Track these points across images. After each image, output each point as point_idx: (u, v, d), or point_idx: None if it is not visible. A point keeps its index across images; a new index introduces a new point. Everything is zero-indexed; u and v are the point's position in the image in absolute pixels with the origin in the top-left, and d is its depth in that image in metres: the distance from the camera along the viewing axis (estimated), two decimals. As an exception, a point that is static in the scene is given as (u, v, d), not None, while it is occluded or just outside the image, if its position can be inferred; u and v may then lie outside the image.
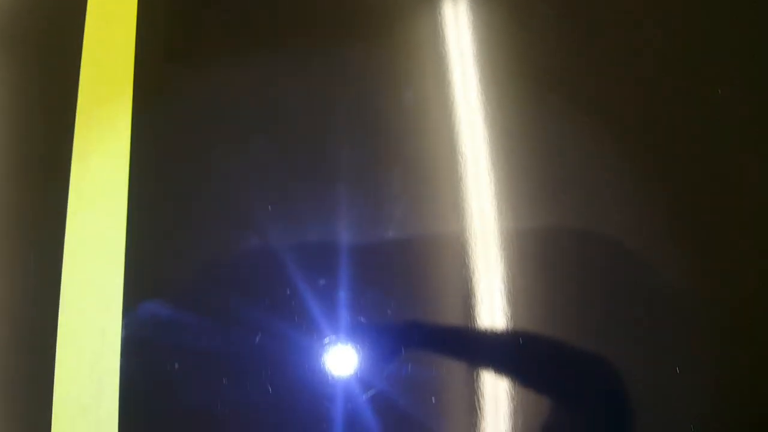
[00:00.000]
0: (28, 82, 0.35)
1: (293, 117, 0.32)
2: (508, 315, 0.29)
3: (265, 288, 0.29)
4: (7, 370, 0.31)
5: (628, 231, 0.31)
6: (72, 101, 0.32)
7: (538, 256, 0.30)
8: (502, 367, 0.29)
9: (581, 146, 0.31)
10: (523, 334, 0.29)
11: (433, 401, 0.28)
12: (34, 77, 0.35)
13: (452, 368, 0.29)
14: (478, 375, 0.29)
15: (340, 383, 0.28)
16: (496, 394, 0.28)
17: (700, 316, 0.30)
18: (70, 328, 0.29)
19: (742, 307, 0.30)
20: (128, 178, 0.30)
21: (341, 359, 0.29)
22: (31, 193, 0.33)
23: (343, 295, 0.29)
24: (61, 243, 0.30)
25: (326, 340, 0.29)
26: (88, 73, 0.32)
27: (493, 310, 0.29)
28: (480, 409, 0.28)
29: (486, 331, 0.29)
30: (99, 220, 0.30)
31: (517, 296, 0.29)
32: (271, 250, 0.30)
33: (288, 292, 0.29)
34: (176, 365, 0.28)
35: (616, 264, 0.30)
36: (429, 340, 0.29)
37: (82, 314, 0.29)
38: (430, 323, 0.29)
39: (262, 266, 0.30)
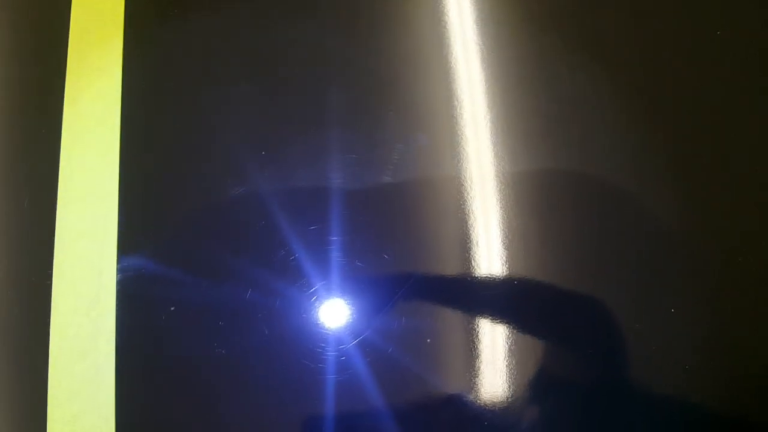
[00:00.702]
0: (19, 26, 0.34)
1: (286, 59, 0.31)
2: (504, 257, 0.29)
3: (258, 230, 0.29)
4: (1, 316, 0.31)
5: (625, 172, 0.30)
6: (63, 44, 0.31)
7: (534, 198, 0.30)
8: (497, 307, 0.29)
9: (578, 87, 0.31)
10: (519, 275, 0.29)
11: (428, 341, 0.28)
12: (25, 21, 0.34)
13: (448, 310, 0.29)
14: (473, 316, 0.29)
15: (336, 326, 0.29)
16: (491, 334, 0.29)
17: (696, 257, 0.30)
18: (66, 272, 0.29)
19: (738, 248, 0.30)
20: (120, 119, 0.30)
21: (337, 303, 0.29)
22: (24, 136, 0.32)
23: (337, 240, 0.29)
24: (55, 186, 0.30)
25: (321, 283, 0.29)
26: (78, 16, 0.32)
27: (489, 252, 0.29)
28: (475, 348, 0.28)
29: (482, 273, 0.29)
30: (92, 163, 0.30)
31: (512, 238, 0.29)
32: (264, 192, 0.30)
33: (281, 236, 0.29)
34: (173, 308, 0.28)
35: (613, 205, 0.30)
36: (425, 283, 0.29)
37: (77, 257, 0.29)
38: (425, 266, 0.29)
39: (255, 208, 0.30)
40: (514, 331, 0.29)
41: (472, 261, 0.29)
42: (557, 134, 0.30)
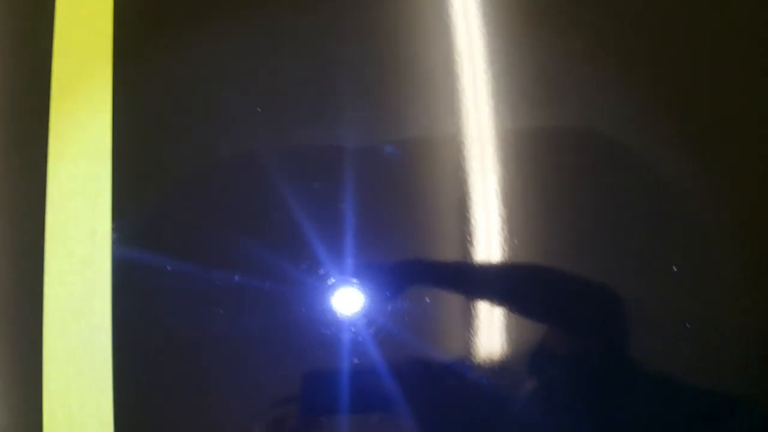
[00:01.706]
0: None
1: (285, 14, 0.31)
2: (504, 216, 0.29)
3: (254, 188, 0.29)
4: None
5: (628, 130, 0.30)
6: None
7: (535, 157, 0.30)
8: (496, 266, 0.29)
9: (581, 44, 0.30)
10: (519, 234, 0.29)
11: (428, 301, 0.28)
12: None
13: (446, 269, 0.29)
14: (472, 274, 0.28)
15: (335, 280, 0.28)
16: (490, 293, 0.28)
17: (700, 215, 0.29)
18: (58, 232, 0.28)
19: (744, 206, 0.30)
20: (112, 75, 0.29)
21: (336, 257, 0.28)
22: (13, 94, 0.32)
23: (335, 197, 0.29)
24: (46, 142, 0.29)
25: (320, 237, 0.28)
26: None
27: (488, 211, 0.29)
28: (472, 307, 0.28)
29: (481, 231, 0.29)
30: (84, 121, 0.29)
31: (513, 197, 0.29)
32: (259, 151, 0.29)
33: (280, 193, 0.29)
34: (169, 267, 0.28)
35: (615, 163, 0.30)
36: (423, 241, 0.29)
37: (70, 217, 0.28)
38: (424, 224, 0.29)
39: (251, 167, 0.29)
40: (513, 288, 0.28)
41: (472, 219, 0.29)
42: (560, 91, 0.30)
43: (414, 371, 0.28)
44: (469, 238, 0.29)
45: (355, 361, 0.28)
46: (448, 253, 0.29)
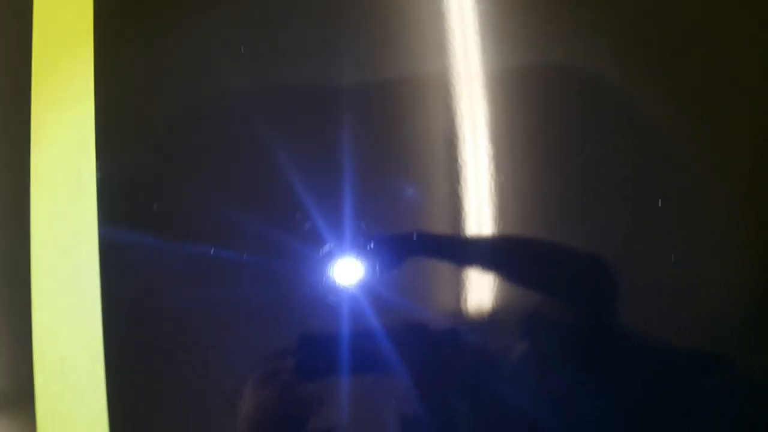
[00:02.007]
0: None
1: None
2: (491, 154, 0.29)
3: (238, 125, 0.29)
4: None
5: (617, 70, 0.30)
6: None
7: (521, 94, 0.29)
8: (484, 205, 0.29)
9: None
10: (506, 171, 0.29)
11: (414, 237, 0.28)
12: None
13: (434, 207, 0.29)
14: (461, 212, 0.28)
15: (320, 235, 0.28)
16: (478, 230, 0.29)
17: (687, 152, 0.29)
18: (44, 172, 0.28)
19: (733, 144, 0.30)
20: (93, 14, 0.29)
21: (324, 200, 0.28)
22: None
23: (322, 137, 0.29)
24: (29, 87, 0.29)
25: (303, 183, 0.28)
26: None
27: (476, 149, 0.29)
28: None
29: (469, 169, 0.29)
30: (66, 63, 0.29)
31: (500, 134, 0.29)
32: (244, 90, 0.29)
33: (262, 132, 0.29)
34: (155, 205, 0.28)
35: (604, 100, 0.29)
36: (411, 180, 0.29)
37: (55, 158, 0.28)
38: (412, 164, 0.29)
39: (233, 106, 0.29)
40: (501, 229, 0.29)
41: (459, 157, 0.29)
42: (547, 28, 0.30)
43: (406, 333, 0.28)
44: (455, 175, 0.29)
45: (346, 322, 0.28)
46: (434, 191, 0.29)
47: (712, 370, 0.30)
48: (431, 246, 0.29)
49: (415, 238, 0.28)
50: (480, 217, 0.29)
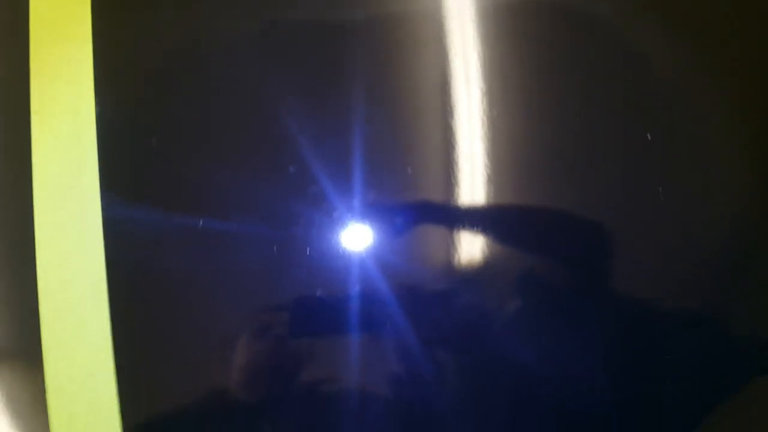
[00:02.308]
0: None
1: None
2: (483, 89, 0.29)
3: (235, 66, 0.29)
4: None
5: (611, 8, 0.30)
6: None
7: (512, 31, 0.30)
8: (473, 139, 0.29)
9: None
10: (498, 105, 0.29)
11: (409, 172, 0.29)
12: None
13: (424, 140, 0.29)
14: (452, 144, 0.29)
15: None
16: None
17: (677, 83, 0.30)
18: (44, 110, 0.29)
19: (724, 73, 0.30)
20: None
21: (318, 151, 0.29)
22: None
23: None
24: (27, 28, 0.29)
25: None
26: None
27: (468, 84, 0.29)
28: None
29: (460, 103, 0.29)
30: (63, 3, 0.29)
31: (492, 71, 0.29)
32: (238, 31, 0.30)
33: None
34: (153, 140, 0.28)
35: (596, 35, 0.30)
36: (403, 112, 0.29)
37: (53, 98, 0.29)
38: (404, 98, 0.29)
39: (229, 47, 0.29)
40: (492, 156, 0.29)
41: (451, 93, 0.29)
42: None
43: (402, 291, 0.28)
44: (447, 108, 0.29)
45: (341, 279, 0.28)
46: (425, 123, 0.29)
47: (701, 326, 0.30)
48: (428, 209, 0.29)
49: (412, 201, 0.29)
50: (473, 177, 0.29)
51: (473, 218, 0.29)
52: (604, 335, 0.29)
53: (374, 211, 0.28)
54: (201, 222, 0.28)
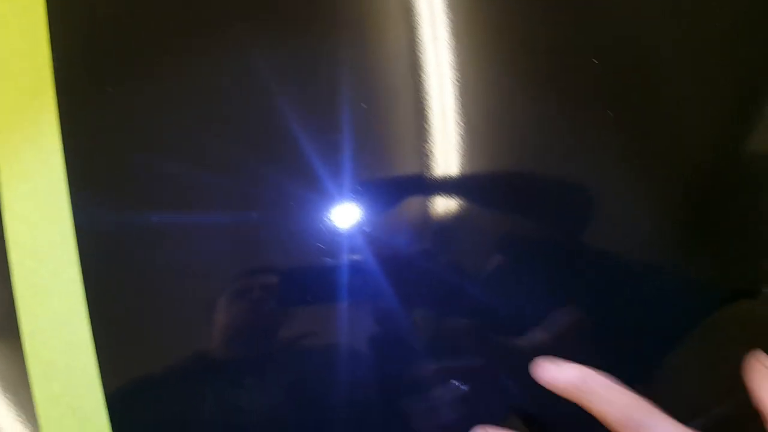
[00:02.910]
0: None
1: None
2: (452, 54, 0.30)
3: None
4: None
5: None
6: None
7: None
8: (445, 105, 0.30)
9: None
10: (471, 70, 0.30)
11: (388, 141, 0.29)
12: None
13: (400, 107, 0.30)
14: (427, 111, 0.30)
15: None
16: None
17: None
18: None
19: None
20: None
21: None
22: None
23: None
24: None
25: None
26: None
27: (437, 48, 0.30)
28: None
29: (431, 70, 0.30)
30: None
31: (461, 36, 0.30)
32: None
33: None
34: (109, 88, 0.28)
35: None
36: (380, 85, 0.30)
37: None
38: (380, 70, 0.30)
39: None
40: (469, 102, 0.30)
41: (420, 60, 0.30)
42: None
43: (385, 249, 0.29)
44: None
45: (322, 241, 0.29)
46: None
47: (673, 277, 0.32)
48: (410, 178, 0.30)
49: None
50: (448, 144, 0.30)
51: (451, 183, 0.30)
52: (577, 285, 0.31)
53: (358, 181, 0.29)
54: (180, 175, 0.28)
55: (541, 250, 0.30)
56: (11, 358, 0.28)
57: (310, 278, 0.29)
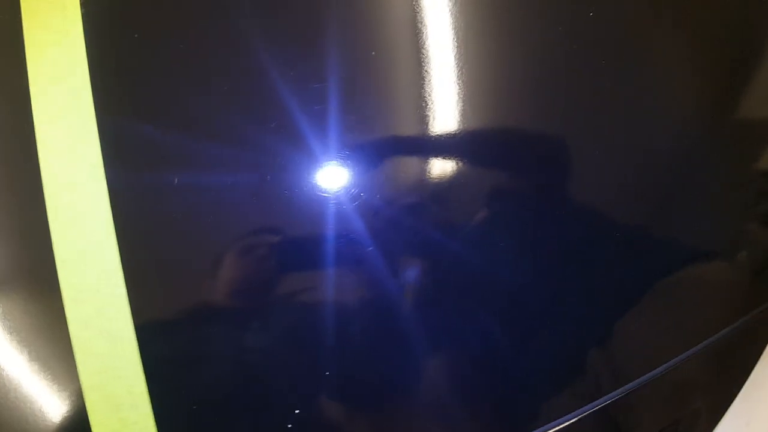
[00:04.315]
0: None
1: None
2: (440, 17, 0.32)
3: None
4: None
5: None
6: None
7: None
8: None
9: None
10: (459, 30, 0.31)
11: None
12: None
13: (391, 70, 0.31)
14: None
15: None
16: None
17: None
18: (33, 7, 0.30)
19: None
20: None
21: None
22: None
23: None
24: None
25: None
26: None
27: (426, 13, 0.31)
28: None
29: (422, 33, 0.31)
30: None
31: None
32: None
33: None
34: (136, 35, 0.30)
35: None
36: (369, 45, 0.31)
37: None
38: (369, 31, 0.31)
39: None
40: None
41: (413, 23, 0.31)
42: None
43: (377, 210, 0.30)
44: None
45: (321, 204, 0.30)
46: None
47: (655, 238, 0.34)
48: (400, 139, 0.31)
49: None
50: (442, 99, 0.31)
51: (441, 142, 0.31)
52: (563, 241, 0.32)
53: (349, 143, 0.30)
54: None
55: (527, 205, 0.32)
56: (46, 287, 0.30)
57: (312, 239, 0.30)
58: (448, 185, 0.31)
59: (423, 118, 0.31)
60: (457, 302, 0.32)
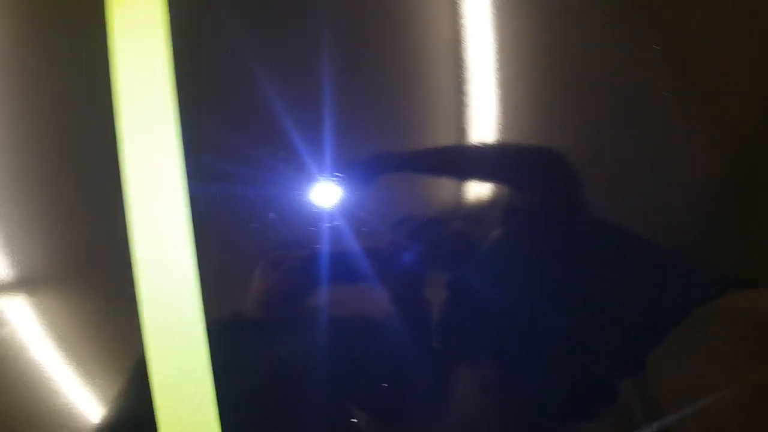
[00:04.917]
0: None
1: None
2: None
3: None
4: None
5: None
6: None
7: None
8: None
9: None
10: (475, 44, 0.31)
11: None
12: None
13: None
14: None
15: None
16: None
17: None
18: None
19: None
20: None
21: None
22: None
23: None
24: None
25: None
26: None
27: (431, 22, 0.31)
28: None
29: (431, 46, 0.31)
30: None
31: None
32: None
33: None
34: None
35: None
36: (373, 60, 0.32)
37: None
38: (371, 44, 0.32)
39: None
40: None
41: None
42: None
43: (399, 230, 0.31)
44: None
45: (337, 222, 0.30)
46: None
47: (670, 254, 0.33)
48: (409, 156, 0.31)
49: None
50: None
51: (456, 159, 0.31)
52: (582, 262, 0.32)
53: (353, 161, 0.31)
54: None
55: (543, 224, 0.32)
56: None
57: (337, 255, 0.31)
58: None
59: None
60: (492, 331, 0.32)
